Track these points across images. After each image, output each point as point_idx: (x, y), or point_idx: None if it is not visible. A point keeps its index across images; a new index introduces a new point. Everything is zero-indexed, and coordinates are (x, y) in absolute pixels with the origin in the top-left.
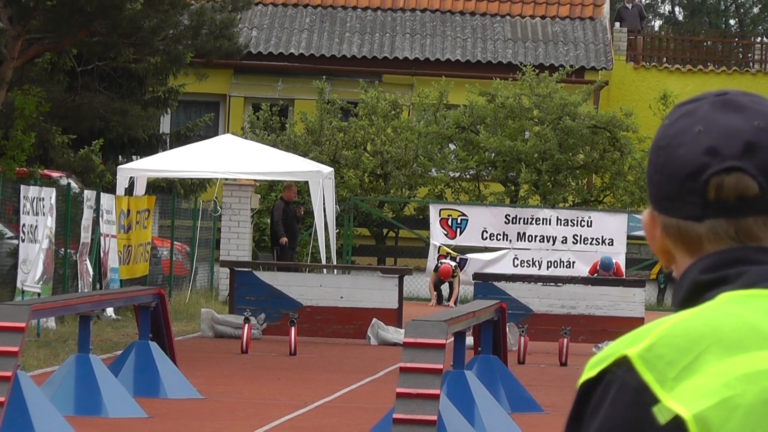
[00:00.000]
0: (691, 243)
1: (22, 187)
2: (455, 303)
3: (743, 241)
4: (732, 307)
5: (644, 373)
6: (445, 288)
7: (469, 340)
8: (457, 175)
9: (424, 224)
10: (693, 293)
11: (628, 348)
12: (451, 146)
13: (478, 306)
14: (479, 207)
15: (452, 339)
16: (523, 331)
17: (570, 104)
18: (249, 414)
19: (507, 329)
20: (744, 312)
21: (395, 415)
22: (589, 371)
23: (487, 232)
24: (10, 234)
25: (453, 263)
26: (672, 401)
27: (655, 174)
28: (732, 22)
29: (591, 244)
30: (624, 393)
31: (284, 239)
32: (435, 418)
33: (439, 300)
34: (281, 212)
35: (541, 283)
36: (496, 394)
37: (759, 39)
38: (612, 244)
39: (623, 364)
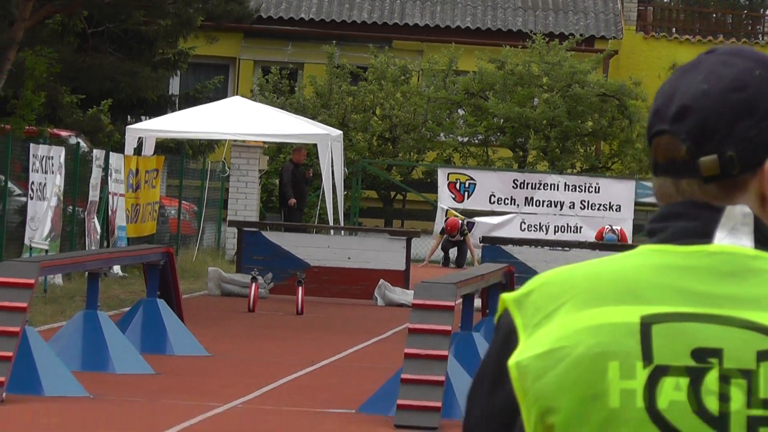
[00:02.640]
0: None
1: (31, 145)
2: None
3: (686, 199)
4: (629, 260)
5: (516, 317)
6: (452, 251)
7: (477, 302)
8: (466, 140)
9: (432, 188)
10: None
11: (512, 293)
12: (460, 112)
13: (487, 269)
14: (487, 171)
15: (461, 301)
16: None
17: (579, 72)
18: (256, 372)
19: None
20: (633, 265)
21: (403, 375)
22: (498, 312)
23: (494, 196)
24: (18, 191)
25: (460, 219)
26: (522, 347)
27: None
28: None
29: (598, 210)
30: (499, 334)
31: (293, 200)
32: (443, 378)
33: (446, 262)
34: (290, 174)
35: (548, 248)
36: None
37: None
38: (619, 211)
39: (505, 307)
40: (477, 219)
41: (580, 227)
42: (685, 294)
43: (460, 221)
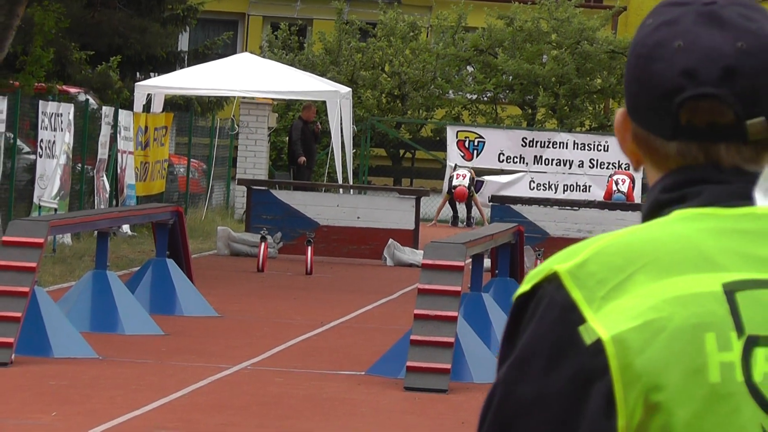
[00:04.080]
0: (659, 158)
1: (40, 102)
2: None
3: (710, 163)
4: (679, 225)
5: (573, 291)
6: (461, 209)
7: (487, 262)
8: (475, 97)
9: (441, 146)
10: (654, 211)
11: (561, 263)
12: (469, 68)
13: (497, 229)
14: (496, 129)
15: (470, 261)
16: (539, 255)
17: (588, 29)
18: (265, 333)
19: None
20: (689, 231)
21: (413, 337)
22: (524, 286)
23: (503, 154)
24: (27, 149)
25: (466, 183)
26: (597, 321)
27: (632, 82)
28: None
29: (607, 168)
30: (551, 310)
31: (302, 158)
32: (452, 340)
33: (455, 221)
34: (299, 132)
35: (557, 207)
36: None
37: None
38: (628, 169)
39: (554, 279)
40: (486, 178)
41: (589, 186)
42: (752, 259)
43: (467, 188)
